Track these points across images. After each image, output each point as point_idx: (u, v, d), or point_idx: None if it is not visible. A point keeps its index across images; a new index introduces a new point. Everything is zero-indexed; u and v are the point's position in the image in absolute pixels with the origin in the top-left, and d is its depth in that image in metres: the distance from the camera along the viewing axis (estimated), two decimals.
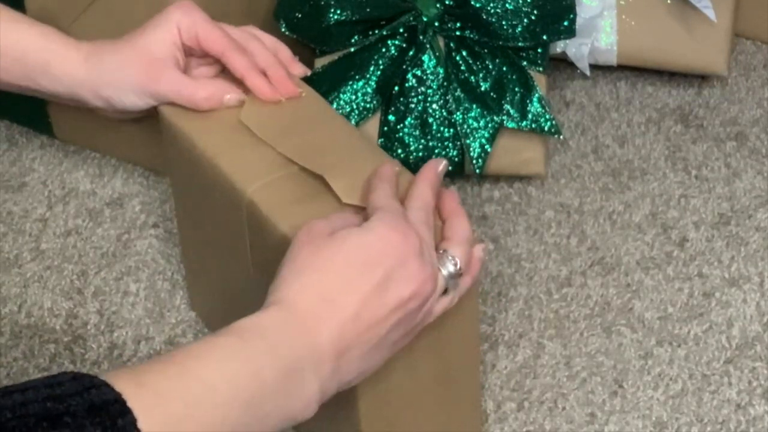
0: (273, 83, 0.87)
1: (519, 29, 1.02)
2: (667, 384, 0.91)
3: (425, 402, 0.82)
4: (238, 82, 0.87)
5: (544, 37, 1.03)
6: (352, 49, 1.03)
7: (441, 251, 0.74)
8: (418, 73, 1.03)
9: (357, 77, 1.03)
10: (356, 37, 1.03)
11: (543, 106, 1.03)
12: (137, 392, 0.61)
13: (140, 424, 0.60)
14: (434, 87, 1.03)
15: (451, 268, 0.74)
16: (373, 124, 1.04)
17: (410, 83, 1.03)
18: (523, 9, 1.02)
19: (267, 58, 0.88)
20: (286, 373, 0.67)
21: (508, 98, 1.03)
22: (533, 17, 1.02)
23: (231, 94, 0.86)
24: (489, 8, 1.02)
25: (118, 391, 0.61)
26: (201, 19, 0.87)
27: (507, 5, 1.02)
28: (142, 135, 1.05)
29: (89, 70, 0.88)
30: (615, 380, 0.92)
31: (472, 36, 1.02)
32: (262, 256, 0.81)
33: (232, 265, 0.86)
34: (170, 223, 1.06)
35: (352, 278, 0.70)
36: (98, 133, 1.10)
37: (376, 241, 0.71)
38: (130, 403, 0.60)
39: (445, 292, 0.74)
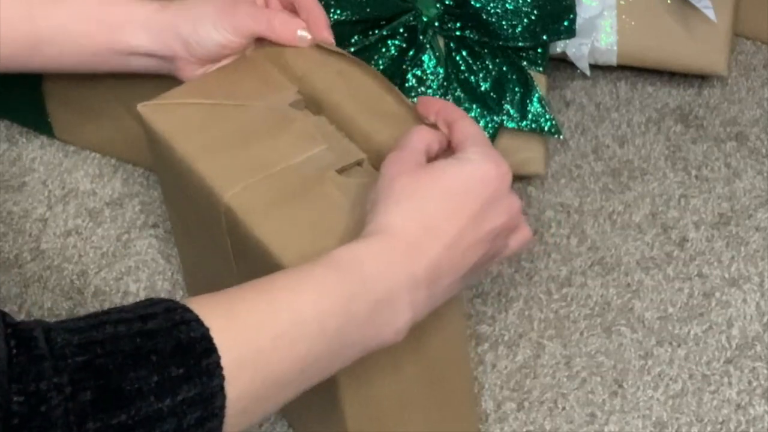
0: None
1: (519, 29, 1.02)
2: (667, 384, 0.91)
3: (413, 403, 0.81)
4: None
5: (544, 37, 1.03)
6: (352, 49, 1.03)
7: None
8: (418, 73, 1.03)
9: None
10: (356, 37, 1.03)
11: (543, 106, 1.03)
12: (226, 326, 0.62)
13: (224, 361, 0.61)
14: (434, 87, 1.03)
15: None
16: None
17: (410, 83, 1.03)
18: (523, 9, 1.02)
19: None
20: (378, 306, 0.68)
21: (508, 98, 1.03)
22: (533, 17, 1.02)
23: (304, 31, 0.87)
24: (489, 8, 1.02)
25: (206, 327, 0.62)
26: None
27: (507, 5, 1.02)
28: (142, 135, 1.05)
29: (169, 11, 0.88)
30: (615, 380, 0.92)
31: (472, 36, 1.02)
32: (244, 259, 0.80)
33: (220, 267, 0.85)
34: (170, 223, 1.05)
35: (452, 207, 0.71)
36: (98, 133, 1.10)
37: (475, 171, 0.72)
38: (217, 339, 0.62)
39: None
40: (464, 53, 1.03)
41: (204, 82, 0.88)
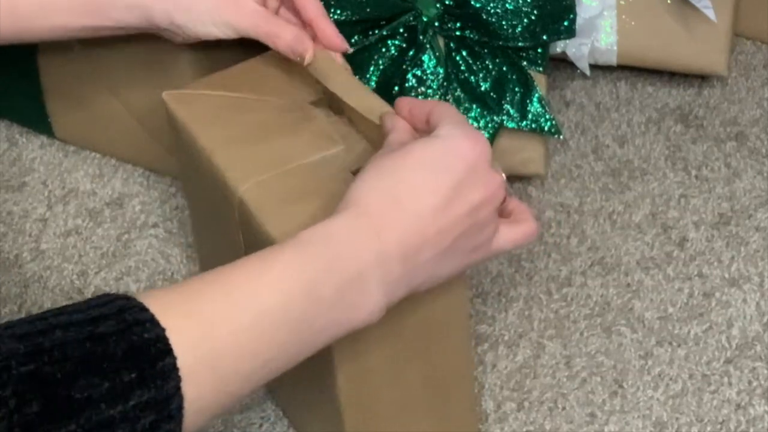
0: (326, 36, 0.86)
1: (519, 29, 1.02)
2: (667, 384, 0.91)
3: (413, 404, 0.81)
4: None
5: (544, 37, 1.03)
6: (352, 49, 1.03)
7: None
8: (418, 73, 1.03)
9: (357, 77, 1.03)
10: (356, 37, 1.03)
11: (543, 106, 1.03)
12: (183, 324, 0.61)
13: (181, 362, 0.60)
14: (434, 87, 1.03)
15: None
16: None
17: (410, 83, 1.03)
18: (523, 9, 1.02)
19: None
20: (346, 286, 0.66)
21: (508, 98, 1.03)
22: (533, 17, 1.02)
23: (308, 51, 0.85)
24: (489, 8, 1.02)
25: (162, 327, 0.60)
26: None
27: (507, 5, 1.02)
28: (143, 135, 1.06)
29: (166, 6, 0.85)
30: (615, 380, 0.92)
31: (472, 36, 1.02)
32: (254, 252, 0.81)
33: (232, 258, 0.85)
34: (170, 223, 1.06)
35: (423, 181, 0.70)
36: (98, 133, 1.10)
37: (448, 145, 0.71)
38: (173, 339, 0.60)
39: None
40: (464, 53, 1.03)
41: (229, 75, 0.88)
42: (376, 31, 1.03)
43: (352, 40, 1.03)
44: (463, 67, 1.03)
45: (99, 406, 0.57)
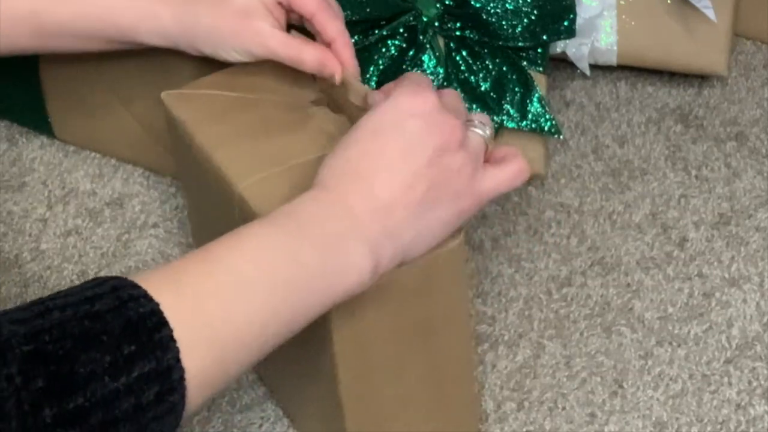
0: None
1: (519, 29, 1.02)
2: (667, 384, 0.91)
3: (415, 403, 0.81)
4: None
5: (544, 37, 1.03)
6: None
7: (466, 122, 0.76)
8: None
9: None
10: (356, 37, 1.03)
11: (543, 106, 1.03)
12: (175, 299, 0.63)
13: (177, 334, 0.61)
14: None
15: (480, 130, 0.75)
16: None
17: None
18: (523, 9, 1.02)
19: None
20: (325, 251, 0.68)
21: (508, 98, 1.03)
22: (533, 17, 1.02)
23: (336, 70, 0.84)
24: (489, 8, 1.02)
25: (155, 302, 0.62)
26: None
27: (507, 5, 1.02)
28: (143, 135, 1.06)
29: (183, 29, 0.86)
30: (615, 380, 0.92)
31: (472, 36, 1.02)
32: None
33: None
34: (170, 223, 1.06)
35: (375, 145, 0.71)
36: (98, 133, 1.10)
37: (392, 107, 0.72)
38: (168, 313, 0.62)
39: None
40: (464, 53, 1.03)
41: (229, 75, 0.88)
42: (376, 31, 1.03)
43: (353, 40, 1.03)
44: (463, 67, 1.03)
45: (102, 379, 0.59)
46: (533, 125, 1.03)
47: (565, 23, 1.03)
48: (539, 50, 1.04)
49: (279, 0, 0.85)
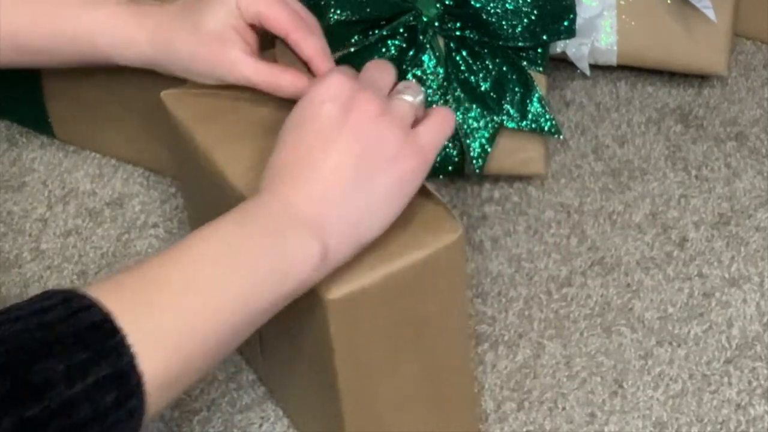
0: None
1: (519, 29, 1.02)
2: (667, 384, 0.91)
3: (413, 403, 0.81)
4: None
5: (544, 37, 1.03)
6: (352, 49, 1.03)
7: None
8: (418, 73, 1.03)
9: None
10: (356, 37, 1.03)
11: (543, 106, 1.03)
12: (128, 306, 0.64)
13: (131, 339, 0.62)
14: (434, 87, 1.03)
15: (408, 96, 0.75)
16: None
17: None
18: (523, 9, 1.02)
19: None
20: (269, 245, 0.69)
21: (508, 98, 1.03)
22: (533, 17, 1.02)
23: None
24: (489, 8, 1.02)
25: (107, 310, 0.63)
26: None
27: (507, 5, 1.02)
28: (142, 135, 1.06)
29: (158, 54, 0.87)
30: (615, 380, 0.92)
31: (472, 36, 1.02)
32: None
33: None
34: (170, 223, 1.06)
35: (298, 137, 0.73)
36: (98, 133, 1.10)
37: (309, 99, 0.74)
38: (121, 320, 0.63)
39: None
40: (464, 53, 1.03)
41: None
42: (376, 31, 1.03)
43: (352, 40, 1.03)
44: (463, 67, 1.03)
45: (59, 387, 0.59)
46: (533, 125, 1.03)
47: (565, 23, 1.03)
48: (539, 50, 1.04)
49: (251, 23, 0.85)
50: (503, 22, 1.02)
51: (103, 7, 0.88)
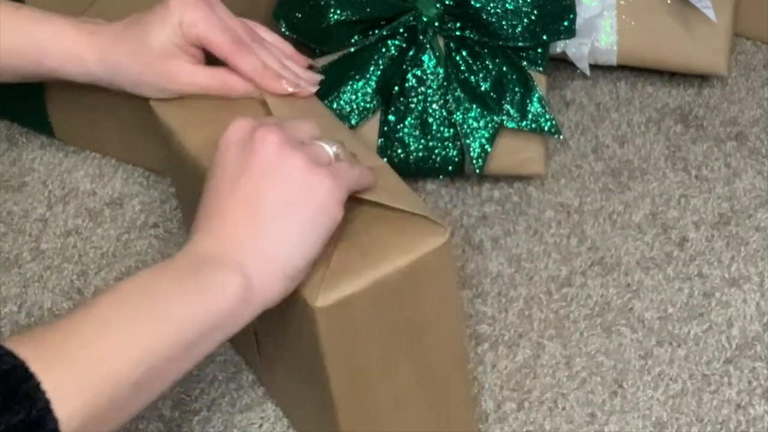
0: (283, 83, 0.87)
1: (519, 29, 1.02)
2: (667, 384, 0.91)
3: (409, 404, 0.81)
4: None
5: (544, 37, 1.03)
6: (352, 49, 1.03)
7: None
8: (418, 73, 1.03)
9: (357, 77, 1.03)
10: (356, 37, 1.03)
11: (543, 106, 1.03)
12: (42, 353, 0.64)
13: (46, 385, 0.62)
14: (434, 87, 1.03)
15: (326, 144, 0.76)
16: (373, 124, 1.04)
17: (410, 83, 1.03)
18: (523, 9, 1.02)
19: (273, 58, 0.87)
20: (187, 283, 0.70)
21: (508, 98, 1.03)
22: (533, 17, 1.02)
23: (269, 85, 0.86)
24: (489, 8, 1.02)
25: (20, 358, 0.63)
26: (202, 18, 0.85)
27: (507, 5, 1.02)
28: (142, 135, 1.05)
29: (107, 72, 0.89)
30: (615, 380, 0.92)
31: (472, 36, 1.02)
32: None
33: None
34: (170, 223, 1.06)
35: (213, 184, 0.75)
36: (98, 133, 1.10)
37: (218, 147, 0.75)
38: (33, 367, 0.63)
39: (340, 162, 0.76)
40: (464, 53, 1.03)
41: None
42: (376, 31, 1.03)
43: (352, 40, 1.03)
44: (463, 67, 1.03)
45: None
46: (533, 125, 1.03)
47: (565, 23, 1.03)
48: (539, 50, 1.04)
49: (193, 42, 0.86)
50: (503, 22, 1.02)
51: (51, 25, 0.90)
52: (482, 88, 1.03)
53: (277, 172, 0.72)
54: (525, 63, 1.03)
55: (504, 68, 1.03)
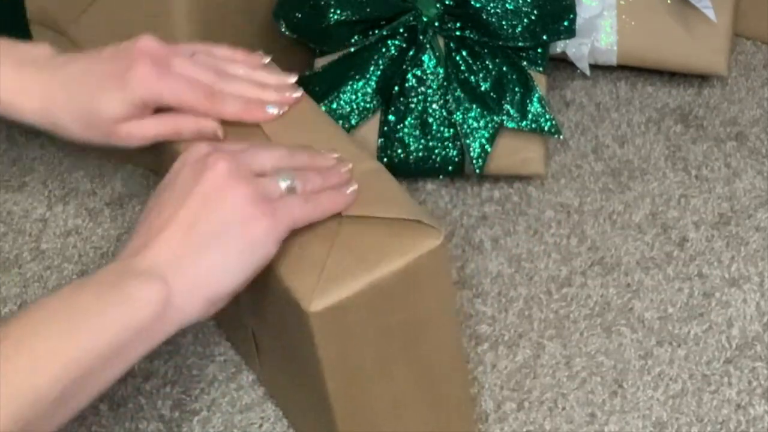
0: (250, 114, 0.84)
1: (519, 29, 1.02)
2: (667, 384, 0.92)
3: (407, 404, 0.81)
4: None
5: (544, 37, 1.03)
6: (352, 49, 1.03)
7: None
8: (418, 73, 1.03)
9: (357, 77, 1.03)
10: (356, 37, 1.03)
11: (543, 106, 1.03)
12: None
13: None
14: (434, 87, 1.03)
15: (281, 177, 0.75)
16: (373, 124, 1.04)
17: (410, 83, 1.03)
18: (523, 9, 1.02)
19: (246, 83, 0.85)
20: (105, 294, 0.70)
21: (508, 98, 1.03)
22: (533, 17, 1.02)
23: (210, 126, 0.84)
24: (489, 8, 1.02)
25: None
26: (165, 87, 0.82)
27: (507, 5, 1.02)
28: None
29: (49, 123, 0.84)
30: (615, 380, 0.92)
31: (472, 36, 1.02)
32: None
33: None
34: None
35: (157, 200, 0.75)
36: None
37: (173, 167, 0.76)
38: None
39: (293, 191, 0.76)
40: (464, 53, 1.03)
41: None
42: (376, 31, 1.03)
43: (352, 40, 1.03)
44: (463, 67, 1.03)
45: None
46: (533, 125, 1.03)
47: (565, 23, 1.03)
48: (539, 50, 1.04)
49: (157, 107, 0.83)
50: (503, 22, 1.02)
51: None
52: (482, 88, 1.03)
53: (219, 201, 0.73)
54: (525, 63, 1.03)
55: (504, 68, 1.03)
